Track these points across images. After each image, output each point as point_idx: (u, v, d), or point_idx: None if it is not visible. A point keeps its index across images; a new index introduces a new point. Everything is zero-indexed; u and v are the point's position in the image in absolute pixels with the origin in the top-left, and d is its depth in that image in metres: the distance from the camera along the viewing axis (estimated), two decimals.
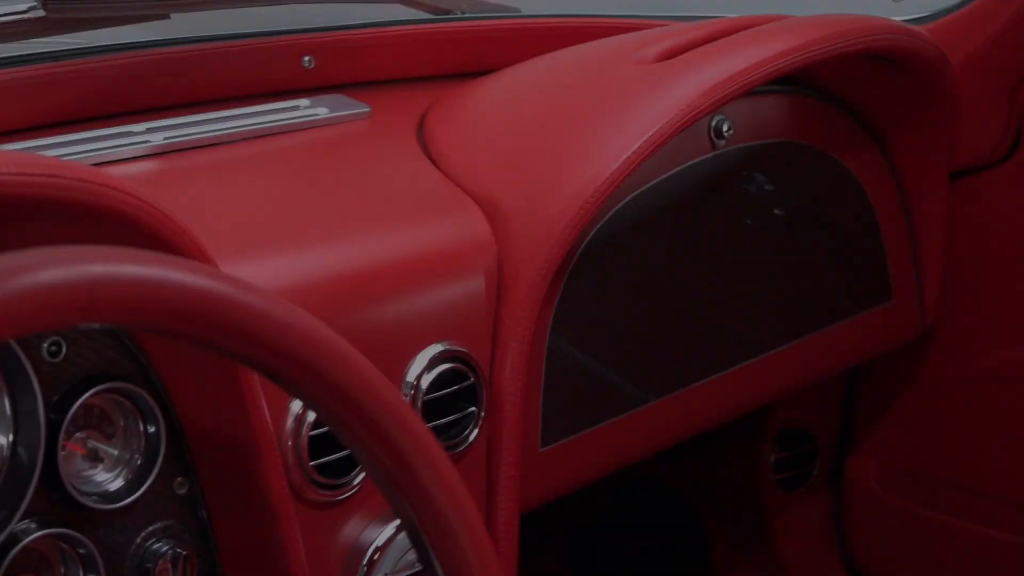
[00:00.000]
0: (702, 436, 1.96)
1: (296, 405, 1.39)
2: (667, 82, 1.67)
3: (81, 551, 1.28)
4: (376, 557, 1.45)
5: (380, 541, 1.45)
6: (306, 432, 1.39)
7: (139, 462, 1.32)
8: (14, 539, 1.24)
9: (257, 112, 1.75)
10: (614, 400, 1.75)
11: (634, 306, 1.76)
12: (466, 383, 1.52)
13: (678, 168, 1.79)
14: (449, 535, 0.99)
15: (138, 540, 1.33)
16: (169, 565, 1.33)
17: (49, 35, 1.82)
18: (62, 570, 1.29)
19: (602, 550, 2.51)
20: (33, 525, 1.26)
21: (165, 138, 1.62)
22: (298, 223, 1.53)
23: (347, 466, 1.43)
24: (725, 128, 1.82)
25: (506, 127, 1.72)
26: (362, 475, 1.44)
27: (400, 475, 0.98)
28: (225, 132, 1.68)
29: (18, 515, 1.23)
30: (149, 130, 1.64)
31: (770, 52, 1.71)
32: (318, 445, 1.40)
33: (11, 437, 1.24)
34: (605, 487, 1.95)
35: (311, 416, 1.39)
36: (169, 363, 1.31)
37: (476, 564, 1.00)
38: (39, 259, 0.84)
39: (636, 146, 1.58)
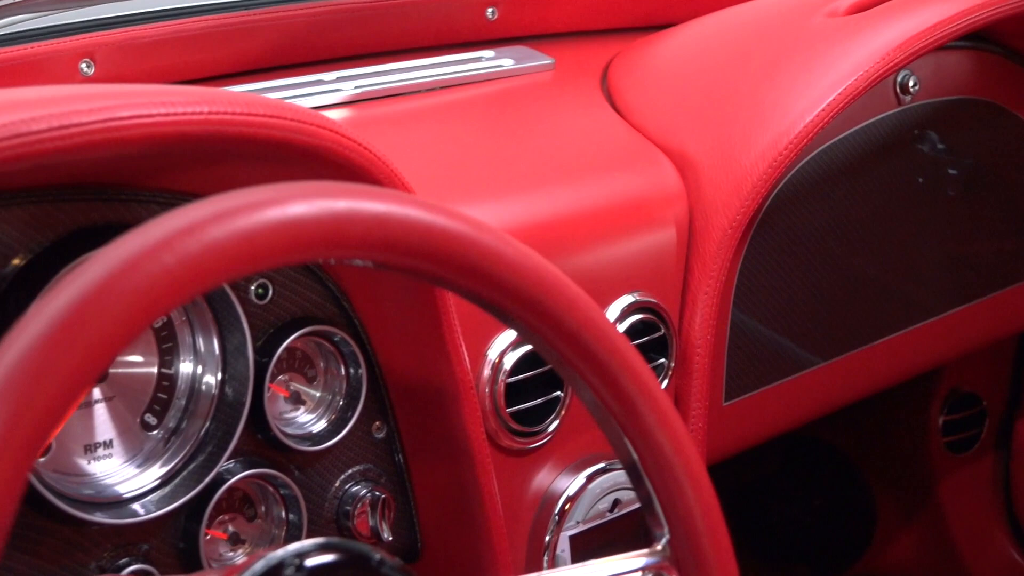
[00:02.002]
0: (871, 397, 1.94)
1: (493, 353, 1.39)
2: (860, 35, 1.65)
3: (284, 492, 1.30)
4: (567, 507, 1.45)
5: (572, 491, 1.46)
6: (503, 379, 1.39)
7: (340, 405, 1.33)
8: (221, 479, 1.25)
9: (442, 63, 1.75)
10: (794, 357, 1.74)
11: (813, 263, 1.74)
12: (656, 334, 1.51)
13: (862, 124, 1.76)
14: (671, 476, 0.99)
15: (337, 483, 1.34)
16: (368, 508, 1.34)
17: None
18: (263, 510, 1.31)
19: (769, 511, 2.50)
20: (238, 465, 1.27)
21: (356, 87, 1.63)
22: (490, 174, 1.53)
23: (542, 414, 1.43)
24: (911, 83, 1.79)
25: (695, 79, 1.71)
26: (556, 423, 1.45)
27: (625, 416, 0.98)
28: (412, 82, 1.69)
29: (226, 454, 1.24)
30: (339, 79, 1.65)
31: (966, 5, 1.68)
32: (514, 393, 1.40)
33: (220, 376, 1.25)
34: (773, 447, 1.94)
35: (508, 364, 1.40)
36: (372, 308, 1.32)
37: (696, 505, 1.00)
38: (284, 193, 0.84)
39: (830, 99, 1.56)
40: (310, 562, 0.89)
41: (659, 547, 1.01)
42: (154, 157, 1.13)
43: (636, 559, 1.03)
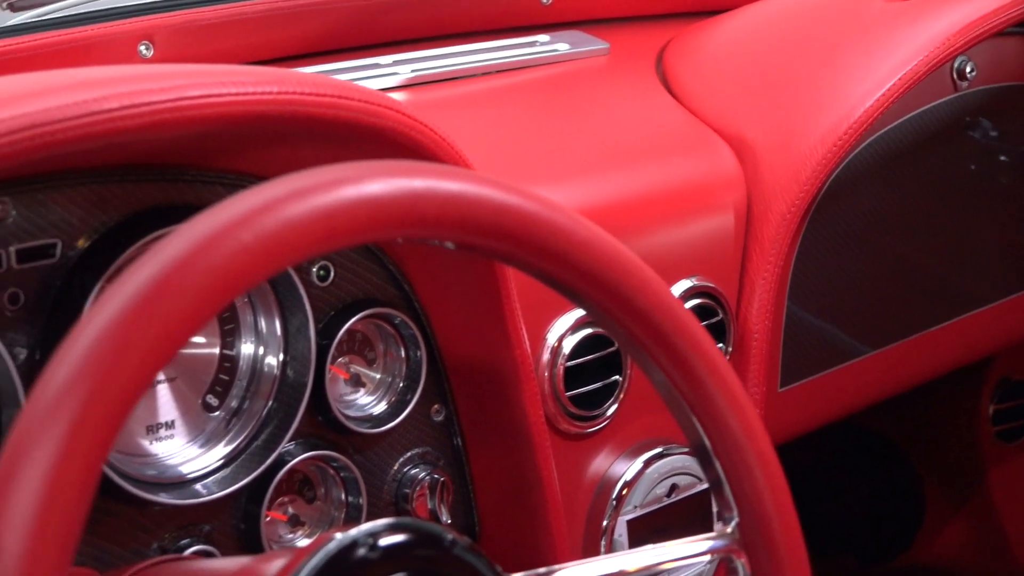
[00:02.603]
0: (920, 386, 1.93)
1: (552, 337, 1.39)
2: (919, 20, 1.64)
3: (344, 474, 1.30)
4: (625, 492, 1.45)
5: (629, 476, 1.45)
6: (562, 363, 1.39)
7: (400, 387, 1.33)
8: (282, 460, 1.25)
9: (497, 47, 1.75)
10: (846, 345, 1.73)
11: (866, 250, 1.73)
12: (715, 319, 1.51)
13: (918, 110, 1.76)
14: (741, 459, 0.99)
15: (396, 465, 1.34)
16: (427, 491, 1.34)
17: None
18: (322, 492, 1.31)
19: (816, 500, 2.49)
20: (299, 447, 1.27)
21: (412, 71, 1.63)
22: (547, 158, 1.53)
23: (601, 398, 1.43)
24: (968, 70, 1.79)
25: (753, 64, 1.71)
26: (614, 407, 1.44)
27: (695, 397, 0.97)
28: (468, 66, 1.69)
29: (288, 435, 1.24)
30: (396, 63, 1.65)
31: None
32: (572, 376, 1.40)
33: (281, 357, 1.25)
34: (821, 435, 1.93)
35: (567, 347, 1.39)
36: (432, 290, 1.32)
37: (767, 488, 0.99)
38: (361, 172, 0.84)
39: (890, 84, 1.56)
40: (383, 541, 0.88)
41: (728, 530, 1.00)
42: (219, 138, 1.13)
43: (705, 542, 1.02)
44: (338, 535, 0.89)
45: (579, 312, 1.41)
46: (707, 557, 1.02)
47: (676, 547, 1.04)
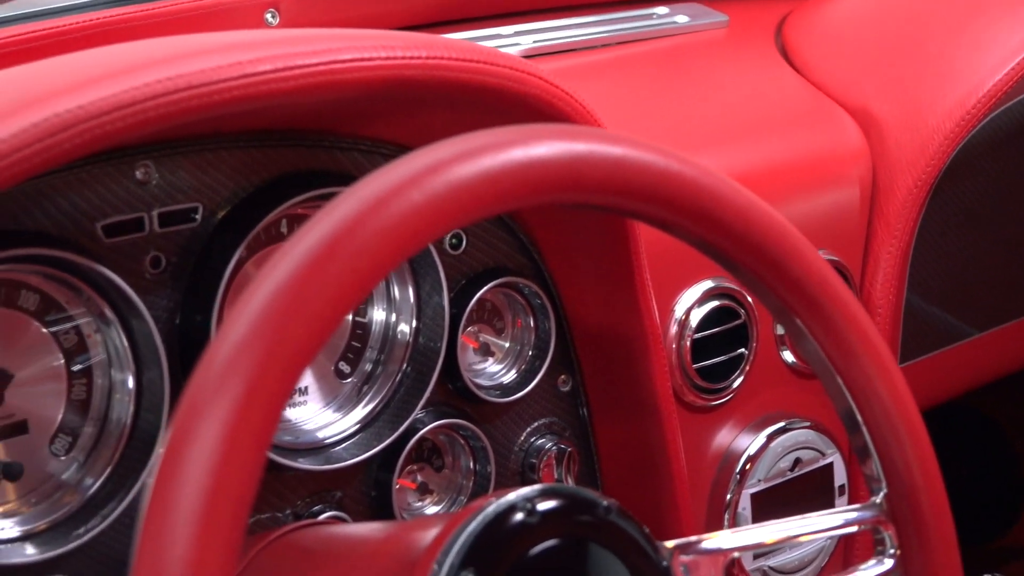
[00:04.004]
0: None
1: (680, 309, 1.39)
2: None
3: (474, 444, 1.30)
4: (748, 466, 1.44)
5: (753, 450, 1.45)
6: (689, 335, 1.39)
7: (529, 356, 1.32)
8: (413, 428, 1.25)
9: (616, 19, 1.74)
10: (963, 323, 1.71)
11: (986, 227, 1.71)
12: None
13: None
14: (891, 429, 0.98)
15: (523, 435, 1.34)
16: (553, 461, 1.34)
17: None
18: (450, 460, 1.31)
19: None
20: (429, 416, 1.27)
21: (533, 42, 1.63)
22: (669, 130, 1.52)
23: (727, 370, 1.42)
24: None
25: (876, 36, 1.69)
26: (740, 380, 1.43)
27: (846, 366, 0.96)
28: (588, 37, 1.68)
29: (421, 401, 1.24)
30: (517, 33, 1.64)
31: None
32: (699, 349, 1.39)
33: (414, 324, 1.25)
34: (925, 414, 1.91)
35: (695, 319, 1.39)
36: (562, 260, 1.31)
37: (916, 460, 0.99)
38: (527, 135, 0.84)
39: (1021, 57, 1.53)
40: (541, 506, 0.88)
41: (876, 500, 0.99)
42: (357, 104, 1.13)
43: (851, 513, 1.01)
44: (496, 499, 0.88)
45: (706, 284, 1.40)
46: (855, 528, 1.01)
47: (825, 517, 1.03)
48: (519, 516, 0.87)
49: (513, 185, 0.82)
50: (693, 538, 0.96)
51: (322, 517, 1.22)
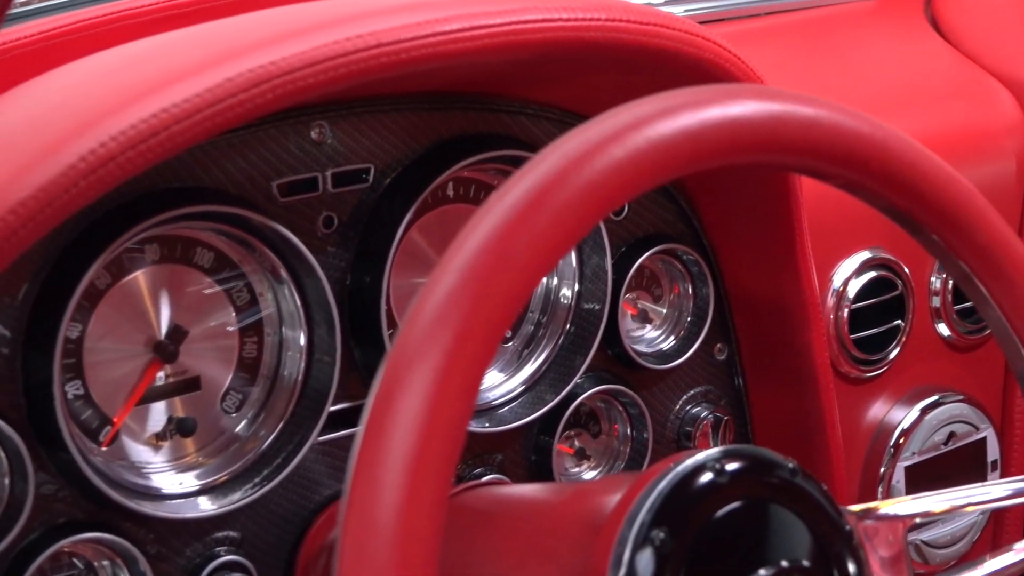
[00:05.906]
0: None
1: (838, 279, 1.38)
2: None
3: (632, 410, 1.29)
4: (902, 440, 1.43)
5: (907, 423, 1.44)
6: (846, 306, 1.38)
7: (687, 323, 1.32)
8: (573, 394, 1.25)
9: None
10: None
11: None
12: None
13: None
14: None
15: (679, 403, 1.34)
16: (709, 429, 1.33)
17: None
18: (607, 426, 1.31)
19: None
20: (589, 381, 1.27)
21: (684, 10, 1.62)
22: (826, 97, 1.50)
23: (884, 342, 1.41)
24: None
25: None
26: (896, 352, 1.43)
27: None
28: (738, 6, 1.67)
29: (584, 365, 1.24)
30: (668, 2, 1.63)
31: None
32: (855, 319, 1.39)
33: (577, 288, 1.25)
34: None
35: (852, 290, 1.38)
36: (723, 227, 1.31)
37: None
38: (723, 93, 0.83)
39: None
40: (729, 466, 0.88)
41: None
42: (530, 66, 1.13)
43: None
44: (683, 459, 0.88)
45: (863, 255, 1.40)
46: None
47: (996, 487, 1.02)
48: (708, 476, 0.87)
49: (711, 143, 0.81)
50: (871, 504, 0.96)
51: (485, 479, 1.22)
